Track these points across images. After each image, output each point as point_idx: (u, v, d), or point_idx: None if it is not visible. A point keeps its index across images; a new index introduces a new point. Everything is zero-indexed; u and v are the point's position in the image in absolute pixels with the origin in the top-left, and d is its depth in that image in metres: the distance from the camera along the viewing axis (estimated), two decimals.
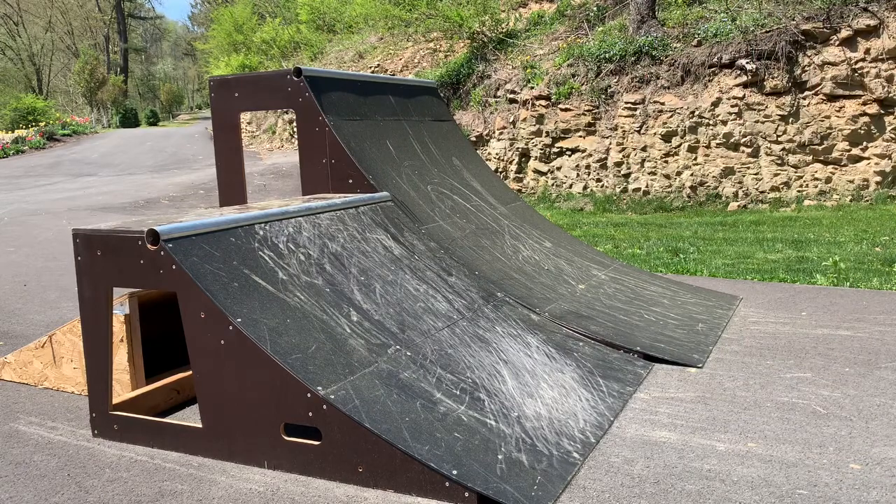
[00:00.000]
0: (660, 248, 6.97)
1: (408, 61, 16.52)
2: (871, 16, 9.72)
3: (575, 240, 5.26)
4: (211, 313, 2.47)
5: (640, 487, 2.28)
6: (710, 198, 10.60)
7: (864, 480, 2.27)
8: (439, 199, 4.34)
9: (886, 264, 5.76)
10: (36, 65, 51.36)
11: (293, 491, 2.33)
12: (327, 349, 2.56)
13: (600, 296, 4.14)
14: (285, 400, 2.40)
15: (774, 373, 3.28)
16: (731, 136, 10.40)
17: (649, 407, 2.93)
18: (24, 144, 25.74)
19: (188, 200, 12.35)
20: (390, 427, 2.33)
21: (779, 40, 10.00)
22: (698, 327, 3.90)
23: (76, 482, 2.45)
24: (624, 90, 11.16)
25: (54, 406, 3.19)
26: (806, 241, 7.21)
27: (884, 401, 2.91)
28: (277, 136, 20.97)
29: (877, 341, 3.70)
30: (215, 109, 4.14)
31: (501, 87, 12.64)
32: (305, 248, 3.01)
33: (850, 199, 9.93)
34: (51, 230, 8.98)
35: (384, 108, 4.61)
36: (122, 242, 2.64)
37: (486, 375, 2.85)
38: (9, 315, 4.88)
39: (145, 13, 62.28)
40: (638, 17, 11.48)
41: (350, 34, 21.39)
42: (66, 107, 48.52)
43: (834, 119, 9.93)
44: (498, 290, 3.67)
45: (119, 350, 3.12)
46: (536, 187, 12.08)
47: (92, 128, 34.85)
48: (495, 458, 2.35)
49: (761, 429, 2.69)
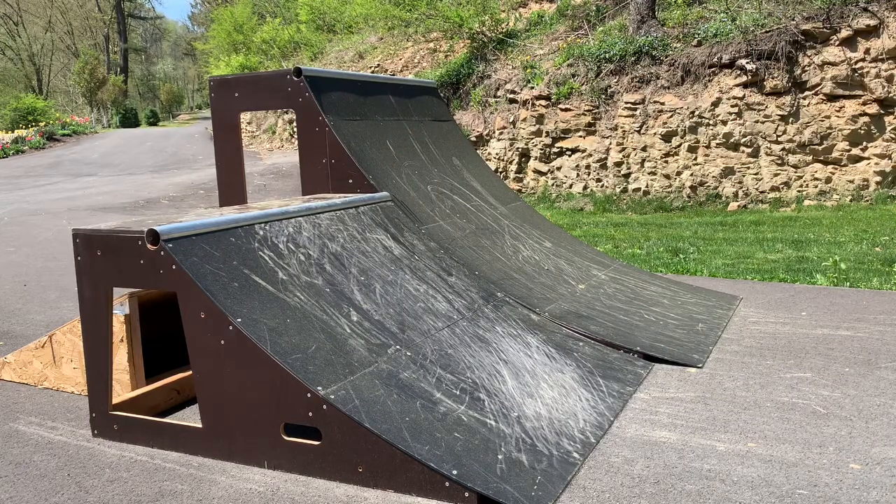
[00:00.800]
0: (660, 248, 6.97)
1: (408, 61, 16.52)
2: (871, 16, 9.72)
3: (575, 240, 5.26)
4: (211, 313, 2.47)
5: (640, 487, 2.28)
6: (710, 198, 10.60)
7: (864, 480, 2.27)
8: (439, 199, 4.34)
9: (886, 264, 5.76)
10: (36, 65, 51.36)
11: (293, 491, 2.33)
12: (327, 349, 2.56)
13: (600, 296, 4.14)
14: (285, 400, 2.40)
15: (774, 373, 3.28)
16: (731, 136, 10.40)
17: (649, 407, 2.93)
18: (23, 144, 25.74)
19: (188, 200, 12.36)
20: (390, 427, 2.33)
21: (779, 40, 10.00)
22: (698, 327, 3.90)
23: (76, 482, 2.45)
24: (624, 90, 11.16)
25: (54, 406, 3.19)
26: (806, 241, 7.21)
27: (884, 401, 2.91)
28: (277, 136, 20.97)
29: (877, 341, 3.70)
30: (215, 109, 4.14)
31: (501, 87, 12.64)
32: (305, 248, 3.01)
33: (850, 199, 9.93)
34: (51, 230, 8.98)
35: (384, 108, 4.61)
36: (122, 242, 2.64)
37: (486, 375, 2.85)
38: (9, 315, 4.88)
39: (145, 13, 62.29)
40: (638, 17, 11.48)
41: (350, 34, 21.40)
42: (66, 107, 48.52)
43: (834, 119, 9.93)
44: (498, 290, 3.67)
45: (119, 350, 3.12)
46: (536, 187, 12.09)
47: (92, 128, 34.85)
48: (495, 458, 2.35)
49: (761, 429, 2.69)
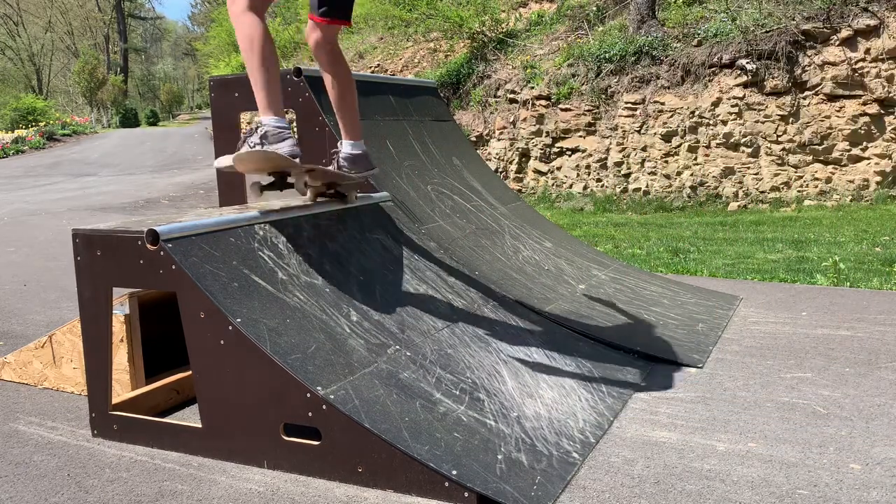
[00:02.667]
0: (660, 248, 6.97)
1: (408, 61, 16.52)
2: (871, 16, 9.72)
3: (575, 240, 5.26)
4: (210, 313, 2.47)
5: (640, 487, 2.28)
6: (710, 198, 10.60)
7: (865, 480, 2.27)
8: (439, 199, 4.34)
9: (886, 264, 5.76)
10: (36, 65, 51.36)
11: (293, 491, 2.33)
12: (327, 349, 2.56)
13: (600, 296, 4.14)
14: (285, 400, 2.40)
15: (774, 373, 3.28)
16: (731, 136, 10.40)
17: (649, 407, 2.93)
18: (23, 144, 25.73)
19: (188, 200, 12.36)
20: (390, 427, 2.33)
21: (779, 40, 10.00)
22: (698, 327, 3.90)
23: (76, 482, 2.45)
24: (624, 90, 11.16)
25: (54, 406, 3.19)
26: (806, 241, 7.21)
27: (884, 401, 2.91)
28: None
29: (877, 341, 3.70)
30: (215, 109, 4.14)
31: (501, 87, 12.64)
32: (305, 248, 3.01)
33: (851, 199, 9.93)
34: (51, 230, 8.99)
35: (384, 108, 4.61)
36: (122, 242, 2.64)
37: (485, 375, 2.85)
38: (9, 315, 4.88)
39: (145, 13, 62.32)
40: (638, 17, 11.48)
41: (350, 34, 21.39)
42: (65, 107, 48.53)
43: (834, 119, 9.93)
44: (498, 290, 3.67)
45: (119, 350, 3.12)
46: (536, 187, 12.08)
47: (92, 128, 34.86)
48: (495, 458, 2.35)
49: (761, 429, 2.69)
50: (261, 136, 2.82)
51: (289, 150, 2.84)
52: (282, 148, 2.82)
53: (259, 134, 2.83)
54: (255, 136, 2.84)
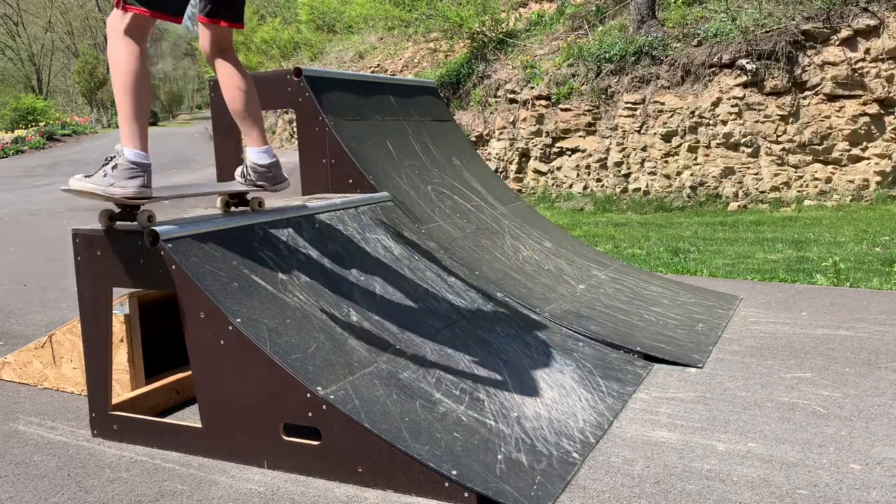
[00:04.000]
0: (660, 248, 6.97)
1: (408, 61, 16.52)
2: (871, 16, 9.72)
3: (575, 240, 5.26)
4: (211, 313, 2.47)
5: (640, 487, 2.28)
6: (710, 198, 10.59)
7: (865, 481, 2.27)
8: (439, 199, 4.34)
9: (886, 264, 5.76)
10: (36, 65, 51.35)
11: (293, 491, 2.33)
12: (327, 349, 2.56)
13: (600, 296, 4.14)
14: (285, 400, 2.40)
15: (774, 373, 3.28)
16: (731, 136, 10.40)
17: (649, 407, 2.93)
18: (23, 144, 25.74)
19: (188, 201, 12.35)
20: (390, 427, 2.33)
21: (779, 40, 10.00)
22: (698, 327, 3.90)
23: (76, 482, 2.45)
24: (624, 90, 11.16)
25: (54, 406, 3.19)
26: (806, 241, 7.21)
27: (884, 401, 2.91)
28: (277, 136, 20.97)
29: (877, 341, 3.70)
30: (215, 109, 4.14)
31: (501, 87, 12.64)
32: (305, 247, 3.01)
33: (851, 199, 9.93)
34: (51, 230, 8.99)
35: (384, 108, 4.61)
36: (122, 242, 2.64)
37: (485, 375, 2.85)
38: (9, 315, 4.88)
39: None
40: (638, 17, 11.48)
41: (350, 34, 21.40)
42: (65, 107, 48.53)
43: (834, 119, 9.93)
44: (498, 290, 3.67)
45: (119, 350, 3.12)
46: (536, 187, 12.08)
47: (92, 128, 34.85)
48: (495, 458, 2.35)
49: (761, 429, 2.69)
50: (112, 167, 2.57)
51: (133, 191, 2.56)
52: (128, 187, 2.55)
53: (111, 164, 2.58)
54: (108, 166, 2.58)
